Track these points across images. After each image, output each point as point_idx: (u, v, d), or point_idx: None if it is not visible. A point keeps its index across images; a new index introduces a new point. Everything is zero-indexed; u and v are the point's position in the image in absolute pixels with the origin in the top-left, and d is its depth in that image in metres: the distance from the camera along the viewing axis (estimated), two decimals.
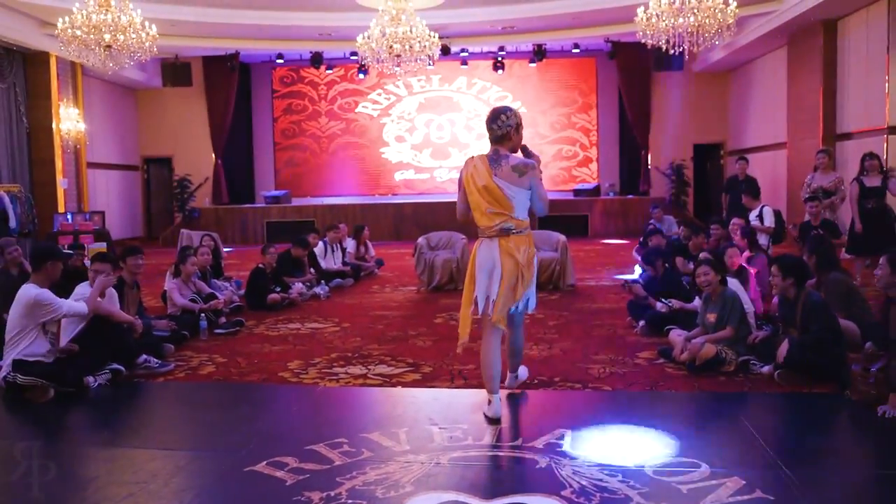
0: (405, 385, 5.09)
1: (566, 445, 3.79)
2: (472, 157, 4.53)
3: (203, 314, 6.79)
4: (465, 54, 17.74)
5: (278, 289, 8.39)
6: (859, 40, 12.56)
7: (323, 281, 9.42)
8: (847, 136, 13.00)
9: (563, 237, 9.51)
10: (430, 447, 3.82)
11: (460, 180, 4.55)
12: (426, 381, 5.14)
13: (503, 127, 4.39)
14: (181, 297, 7.08)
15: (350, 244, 11.18)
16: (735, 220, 8.27)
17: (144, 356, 5.49)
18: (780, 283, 5.28)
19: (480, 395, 4.70)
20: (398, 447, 3.82)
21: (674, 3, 10.35)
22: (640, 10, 10.73)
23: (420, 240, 9.75)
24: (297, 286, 8.72)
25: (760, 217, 8.94)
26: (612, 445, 3.81)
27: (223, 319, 7.12)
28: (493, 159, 4.39)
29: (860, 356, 5.10)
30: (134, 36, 10.53)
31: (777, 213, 9.27)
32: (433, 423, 4.20)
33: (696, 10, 10.29)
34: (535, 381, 5.07)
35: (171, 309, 7.12)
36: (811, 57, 13.72)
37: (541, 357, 5.79)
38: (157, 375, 5.42)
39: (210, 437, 4.21)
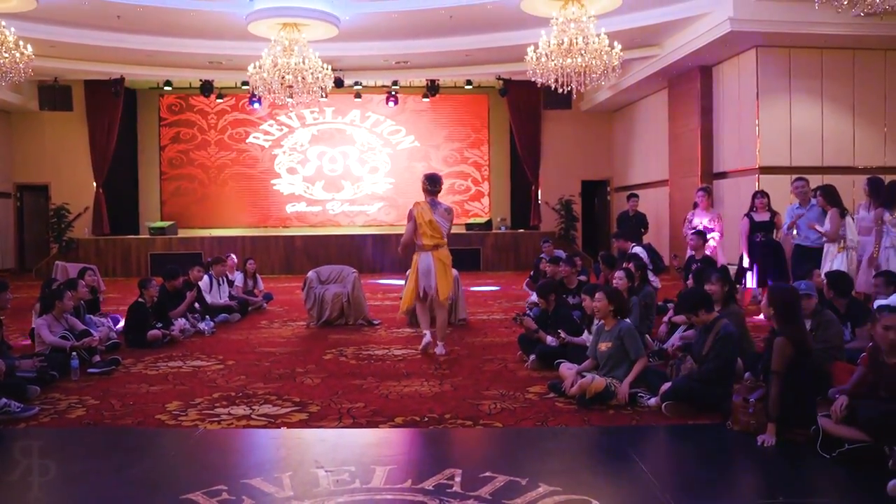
0: (290, 426, 4.88)
1: (456, 486, 3.71)
2: (418, 202, 7.31)
3: (75, 352, 6.34)
4: (358, 87, 17.72)
5: (160, 325, 7.98)
6: (732, 86, 13.30)
7: (208, 316, 9.04)
8: (723, 175, 13.68)
9: (455, 272, 9.48)
10: (314, 492, 3.65)
11: (411, 214, 7.28)
12: (313, 421, 4.95)
13: (439, 186, 7.42)
14: (51, 334, 6.60)
15: (238, 277, 10.82)
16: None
17: (4, 399, 5.04)
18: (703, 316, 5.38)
19: (369, 434, 4.59)
20: (281, 493, 3.64)
21: (562, 43, 10.68)
22: (530, 50, 11.01)
23: (310, 273, 9.53)
24: (180, 322, 8.33)
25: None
26: (501, 485, 3.74)
27: (97, 358, 6.66)
28: (433, 204, 7.33)
29: (740, 386, 5.27)
30: (7, 55, 9.96)
31: (649, 248, 9.65)
32: (319, 465, 4.02)
33: (583, 52, 10.65)
34: (426, 419, 4.98)
35: (38, 347, 6.64)
36: (689, 100, 14.43)
37: (431, 393, 5.70)
38: (18, 421, 4.98)
39: (75, 489, 3.86)
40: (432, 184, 7.29)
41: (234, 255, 11.31)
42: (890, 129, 12.90)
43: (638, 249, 9.41)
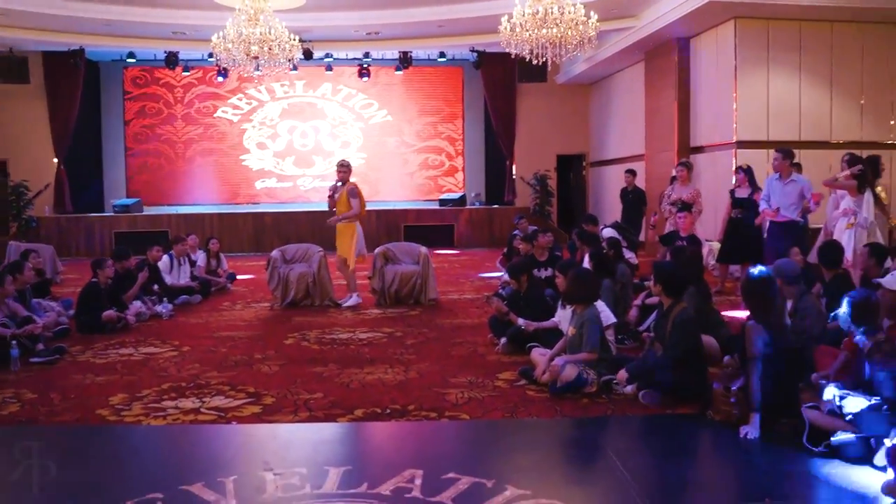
0: (242, 420, 4.53)
1: (416, 490, 3.40)
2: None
3: (15, 341, 5.93)
4: (329, 60, 17.22)
5: (114, 309, 7.57)
6: (710, 59, 13.01)
7: (166, 298, 8.65)
8: (699, 149, 13.43)
9: (424, 249, 9.20)
10: (259, 500, 3.33)
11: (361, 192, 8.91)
12: (267, 415, 4.61)
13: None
14: None
15: (200, 257, 10.41)
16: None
17: None
18: (654, 288, 5.17)
19: (326, 429, 4.29)
20: (222, 502, 3.31)
21: (537, 13, 10.30)
22: (504, 19, 10.62)
23: (274, 252, 9.16)
24: (136, 305, 7.94)
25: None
26: (465, 488, 3.44)
27: (41, 346, 6.25)
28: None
29: (721, 373, 5.02)
30: None
31: (618, 226, 9.40)
32: (268, 468, 3.68)
33: (558, 22, 10.27)
34: (388, 411, 4.66)
35: None
36: (666, 73, 14.12)
37: (396, 381, 5.38)
38: None
39: None
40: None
41: (194, 235, 10.83)
42: (867, 103, 12.69)
43: (607, 231, 9.14)
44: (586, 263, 7.32)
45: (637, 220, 10.80)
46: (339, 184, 8.93)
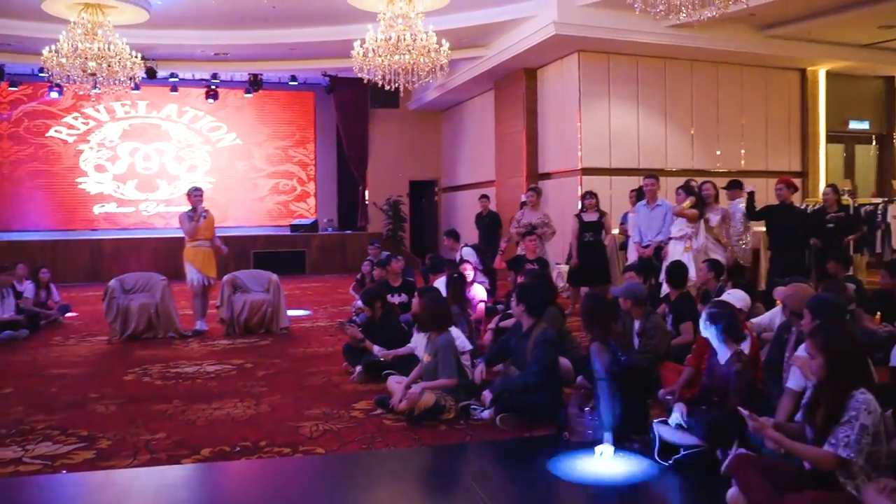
0: (73, 468, 4.10)
1: None
2: None
3: None
4: (174, 80, 16.49)
5: None
6: (556, 89, 13.52)
7: None
8: (547, 175, 13.89)
9: (275, 276, 8.90)
10: None
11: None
12: (102, 460, 4.21)
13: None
14: None
15: (28, 288, 9.58)
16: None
17: None
18: (515, 309, 5.21)
19: (169, 472, 3.98)
20: None
21: (389, 39, 10.31)
22: (356, 44, 10.56)
23: (112, 282, 8.53)
24: None
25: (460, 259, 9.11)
26: None
27: None
28: None
29: (575, 394, 5.11)
30: None
31: (476, 248, 9.53)
32: None
33: (410, 49, 10.32)
34: (238, 449, 4.39)
35: None
36: (515, 101, 14.55)
37: (246, 416, 5.10)
38: None
39: None
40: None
41: (22, 264, 9.95)
42: (697, 134, 13.64)
43: (467, 251, 9.21)
44: (442, 286, 7.32)
45: (494, 244, 11.00)
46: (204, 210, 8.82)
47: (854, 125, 15.59)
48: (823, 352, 3.18)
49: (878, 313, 6.97)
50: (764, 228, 8.97)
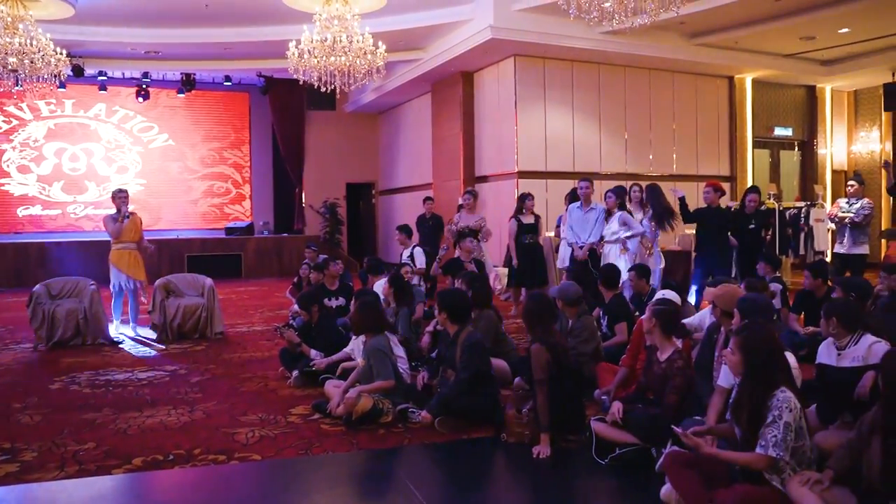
0: None
1: None
2: None
3: None
4: (103, 78, 16.04)
5: None
6: (493, 92, 13.63)
7: None
8: (484, 178, 13.99)
9: (209, 280, 8.73)
10: None
11: None
12: (26, 473, 4.04)
13: None
14: None
15: None
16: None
17: None
18: (438, 317, 5.22)
19: (98, 483, 3.87)
20: None
21: (325, 41, 10.23)
22: (291, 45, 10.44)
23: (37, 287, 8.23)
24: None
25: (412, 257, 9.11)
26: None
27: None
28: None
29: (512, 396, 5.15)
30: None
31: (425, 253, 9.57)
32: None
33: (347, 50, 10.26)
34: (171, 457, 4.29)
35: None
36: (452, 104, 14.61)
37: (179, 424, 4.99)
38: None
39: None
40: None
41: None
42: (630, 139, 13.93)
43: (418, 251, 9.26)
44: (380, 289, 7.32)
45: (437, 247, 11.02)
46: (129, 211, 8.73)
47: (779, 131, 16.17)
48: (742, 349, 3.30)
49: (802, 313, 7.23)
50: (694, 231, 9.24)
